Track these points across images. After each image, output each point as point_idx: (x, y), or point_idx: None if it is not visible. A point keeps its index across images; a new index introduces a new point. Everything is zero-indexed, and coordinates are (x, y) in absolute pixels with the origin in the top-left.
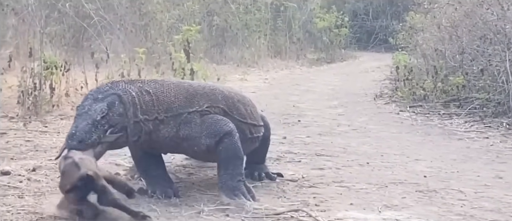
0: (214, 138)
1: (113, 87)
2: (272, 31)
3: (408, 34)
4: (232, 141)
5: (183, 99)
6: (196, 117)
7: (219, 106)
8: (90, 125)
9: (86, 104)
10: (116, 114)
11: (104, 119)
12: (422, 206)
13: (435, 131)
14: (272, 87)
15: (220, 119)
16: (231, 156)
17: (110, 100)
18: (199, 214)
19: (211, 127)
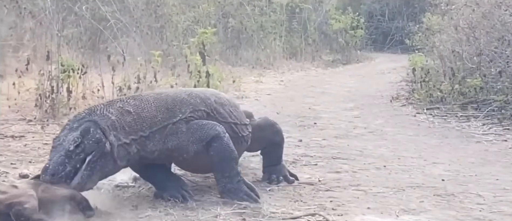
0: (201, 142)
1: (90, 114)
2: (287, 33)
3: (424, 35)
4: (222, 143)
5: (165, 111)
6: (181, 125)
7: (201, 110)
8: (63, 156)
9: (62, 135)
10: (91, 140)
11: (78, 148)
12: (440, 210)
13: (453, 133)
14: (287, 89)
15: (205, 123)
16: (224, 158)
17: (84, 128)
18: (216, 218)
19: (197, 132)
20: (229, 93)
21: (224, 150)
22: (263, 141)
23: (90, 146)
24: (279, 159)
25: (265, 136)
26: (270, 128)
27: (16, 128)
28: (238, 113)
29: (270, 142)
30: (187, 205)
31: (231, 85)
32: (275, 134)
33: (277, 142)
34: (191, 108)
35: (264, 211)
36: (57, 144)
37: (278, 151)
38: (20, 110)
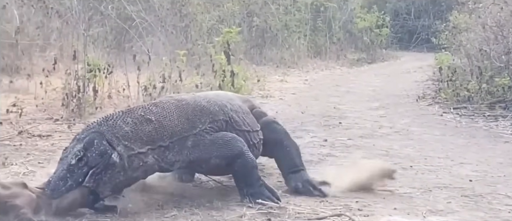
0: (225, 159)
1: (100, 124)
2: (312, 32)
3: (451, 34)
4: (246, 159)
5: (185, 121)
6: (202, 137)
7: (220, 119)
8: (64, 170)
9: (69, 147)
10: (95, 153)
11: (81, 162)
12: (468, 211)
13: (480, 133)
14: (312, 89)
15: (230, 139)
16: (247, 172)
17: (88, 140)
18: (241, 218)
19: (222, 149)
20: (253, 93)
21: (247, 165)
22: (264, 142)
23: (93, 158)
24: (292, 162)
25: (264, 136)
26: (267, 126)
27: (43, 127)
28: (250, 120)
29: (268, 141)
30: (212, 205)
31: (255, 84)
32: (271, 132)
33: (273, 140)
34: (211, 118)
35: (290, 211)
36: (64, 156)
37: (285, 153)
38: (47, 109)
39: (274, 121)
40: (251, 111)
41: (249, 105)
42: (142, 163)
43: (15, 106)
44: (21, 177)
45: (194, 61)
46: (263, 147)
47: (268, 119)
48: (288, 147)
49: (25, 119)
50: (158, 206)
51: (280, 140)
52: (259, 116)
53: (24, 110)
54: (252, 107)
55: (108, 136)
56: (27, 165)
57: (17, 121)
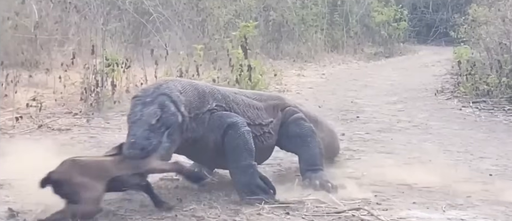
0: (219, 131)
1: (159, 88)
2: (329, 26)
3: (470, 27)
4: (237, 132)
5: (198, 99)
6: (206, 116)
7: (222, 106)
8: (147, 130)
9: (137, 110)
10: (169, 113)
11: (159, 122)
12: (489, 205)
13: (500, 127)
14: (329, 83)
15: (224, 113)
16: (237, 146)
17: (161, 101)
18: (260, 212)
19: (216, 121)
20: (270, 87)
21: (238, 138)
22: (288, 135)
23: (168, 119)
24: (313, 160)
25: (288, 131)
26: (293, 122)
27: (62, 121)
28: (252, 113)
29: (293, 136)
30: (230, 199)
31: (272, 78)
32: (297, 127)
33: (298, 135)
34: (216, 102)
35: (308, 205)
36: (136, 119)
37: (307, 150)
38: (66, 103)
39: (302, 118)
40: (283, 109)
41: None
42: (189, 127)
43: (34, 101)
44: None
45: (211, 55)
46: (288, 141)
47: (297, 115)
48: (311, 144)
49: (45, 113)
50: (177, 200)
51: (304, 136)
52: (291, 114)
53: (44, 104)
54: (285, 105)
55: (173, 97)
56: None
57: (36, 115)
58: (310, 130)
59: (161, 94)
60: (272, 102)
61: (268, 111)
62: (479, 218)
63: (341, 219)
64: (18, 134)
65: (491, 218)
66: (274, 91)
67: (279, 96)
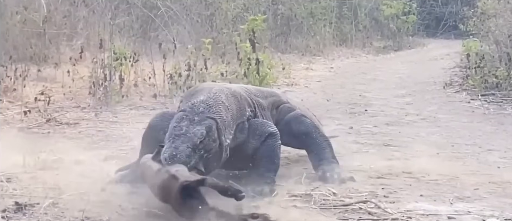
0: (260, 138)
1: (208, 109)
2: (337, 19)
3: (479, 20)
4: (274, 143)
5: (238, 110)
6: (246, 124)
7: (254, 110)
8: (190, 148)
9: (183, 125)
10: (211, 139)
11: (201, 144)
12: (496, 197)
13: (509, 120)
14: (337, 76)
15: (264, 121)
16: (269, 157)
17: (208, 125)
18: (268, 205)
19: (258, 128)
20: (278, 81)
21: (272, 149)
22: (292, 133)
23: (209, 144)
24: (323, 154)
25: (291, 129)
26: (295, 119)
27: (70, 115)
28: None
29: (297, 134)
30: None
31: (280, 72)
32: (300, 125)
33: (303, 132)
34: (250, 108)
35: (316, 198)
36: (180, 133)
37: (315, 145)
38: (75, 97)
39: (302, 115)
40: (278, 106)
41: (275, 100)
42: (226, 153)
43: (43, 95)
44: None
45: (220, 49)
46: (293, 139)
47: (296, 112)
48: (318, 139)
49: (53, 107)
50: None
51: (309, 133)
52: (287, 111)
53: (52, 98)
54: (280, 102)
55: (219, 124)
56: (55, 152)
57: (45, 109)
58: (313, 125)
59: (210, 118)
60: (271, 99)
61: (269, 109)
62: (486, 210)
63: (348, 211)
64: (26, 128)
65: (499, 210)
66: (282, 85)
67: (275, 92)
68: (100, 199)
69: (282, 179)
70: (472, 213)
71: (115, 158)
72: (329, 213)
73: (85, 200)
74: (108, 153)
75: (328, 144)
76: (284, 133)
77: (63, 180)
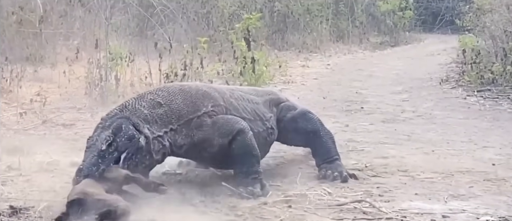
0: (227, 137)
1: (121, 110)
2: (334, 16)
3: (475, 15)
4: (245, 138)
5: (190, 104)
6: (205, 119)
7: (221, 105)
8: (95, 156)
9: (95, 135)
10: (124, 138)
11: (111, 147)
12: (491, 195)
13: (505, 116)
14: (334, 73)
15: (231, 118)
16: (245, 153)
17: (116, 125)
18: (263, 206)
19: (223, 126)
20: (275, 79)
21: (246, 145)
22: (297, 130)
23: (123, 143)
24: (328, 153)
25: (297, 126)
26: (302, 116)
27: (66, 116)
28: (251, 108)
29: (304, 131)
30: (234, 192)
31: (277, 70)
32: (307, 122)
33: (310, 130)
34: (212, 102)
35: (311, 198)
36: (91, 144)
37: (321, 143)
38: (71, 98)
39: (308, 111)
40: (278, 104)
41: (272, 98)
42: (162, 146)
43: (39, 96)
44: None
45: (216, 48)
46: (298, 137)
47: (302, 110)
48: (324, 137)
49: (49, 108)
50: (180, 193)
51: (316, 130)
52: (289, 109)
53: (48, 99)
54: (279, 101)
55: (134, 120)
56: (51, 154)
57: (41, 110)
58: (319, 122)
59: (120, 118)
60: (267, 98)
61: (266, 106)
62: (481, 208)
63: (343, 211)
64: (22, 130)
65: (493, 208)
66: (279, 82)
67: (272, 91)
68: None
69: (277, 179)
70: (467, 211)
71: None
72: (324, 213)
73: None
74: None
75: (332, 142)
76: (289, 130)
77: (58, 183)
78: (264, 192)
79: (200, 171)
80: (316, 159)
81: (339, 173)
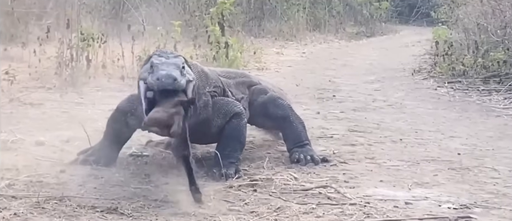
0: (225, 118)
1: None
2: (311, 4)
3: (449, 8)
4: (239, 123)
5: (200, 80)
6: (209, 98)
7: (219, 86)
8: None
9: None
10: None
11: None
12: (454, 184)
13: (473, 107)
14: (309, 62)
15: (230, 100)
16: (233, 136)
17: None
18: (228, 189)
19: (223, 107)
20: (249, 65)
21: (238, 129)
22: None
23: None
24: (298, 137)
25: (267, 111)
26: (272, 102)
27: (35, 95)
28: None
29: (274, 117)
30: (200, 175)
31: (251, 57)
32: (277, 108)
33: (280, 116)
34: (214, 83)
35: (276, 182)
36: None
37: (291, 127)
38: (41, 78)
39: (278, 97)
40: (250, 87)
41: (244, 80)
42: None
43: (7, 74)
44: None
45: (191, 32)
46: (269, 121)
47: (272, 95)
48: (294, 122)
49: (17, 87)
50: (144, 176)
51: (286, 115)
52: (260, 92)
53: (17, 78)
54: (251, 83)
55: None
56: (16, 132)
57: (8, 88)
58: (289, 108)
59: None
60: (240, 80)
61: (238, 87)
62: (443, 196)
63: (308, 196)
64: None
65: (455, 196)
66: (253, 69)
67: (245, 73)
68: (58, 181)
69: (244, 163)
70: (429, 198)
71: (78, 139)
72: (289, 197)
73: (42, 182)
74: (71, 135)
75: (303, 126)
76: (259, 114)
77: (21, 162)
78: (235, 177)
79: (167, 154)
80: (286, 144)
81: (311, 157)
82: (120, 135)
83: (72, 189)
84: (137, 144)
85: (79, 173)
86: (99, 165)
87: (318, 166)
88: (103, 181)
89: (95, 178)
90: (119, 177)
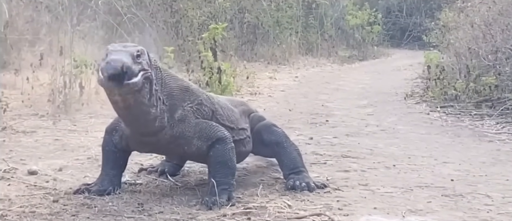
0: (206, 141)
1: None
2: (303, 29)
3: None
4: (224, 148)
5: (179, 91)
6: (190, 114)
7: (207, 106)
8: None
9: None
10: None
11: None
12: (447, 211)
13: (465, 132)
14: (301, 86)
15: (215, 124)
16: (221, 162)
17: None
18: (222, 217)
19: (205, 130)
20: (242, 90)
21: (224, 155)
22: (262, 142)
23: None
24: (294, 164)
25: (262, 138)
26: (267, 129)
27: (28, 123)
28: (234, 117)
29: (269, 143)
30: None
31: (245, 81)
32: (271, 135)
33: (274, 142)
34: (199, 100)
35: (270, 210)
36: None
37: (286, 154)
38: (33, 105)
39: (273, 124)
40: (249, 115)
41: (244, 109)
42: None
43: (0, 102)
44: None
45: (184, 57)
46: (264, 148)
47: (267, 122)
48: (288, 148)
49: (10, 115)
50: (138, 205)
51: (280, 142)
52: (258, 120)
53: (10, 105)
54: (249, 111)
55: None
56: (8, 161)
57: (1, 116)
58: (284, 135)
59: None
60: (241, 108)
61: (241, 115)
62: None
63: None
64: None
65: None
66: (246, 93)
67: (243, 101)
68: (51, 211)
69: (238, 191)
70: None
71: (71, 168)
72: None
73: (35, 213)
74: (64, 163)
75: (298, 153)
76: (255, 142)
77: (14, 192)
78: (228, 205)
79: (160, 182)
80: (283, 170)
81: (307, 184)
82: (115, 159)
83: (65, 219)
84: (130, 172)
85: (72, 203)
86: (100, 194)
87: (312, 193)
88: (96, 210)
89: (88, 207)
90: (113, 206)
